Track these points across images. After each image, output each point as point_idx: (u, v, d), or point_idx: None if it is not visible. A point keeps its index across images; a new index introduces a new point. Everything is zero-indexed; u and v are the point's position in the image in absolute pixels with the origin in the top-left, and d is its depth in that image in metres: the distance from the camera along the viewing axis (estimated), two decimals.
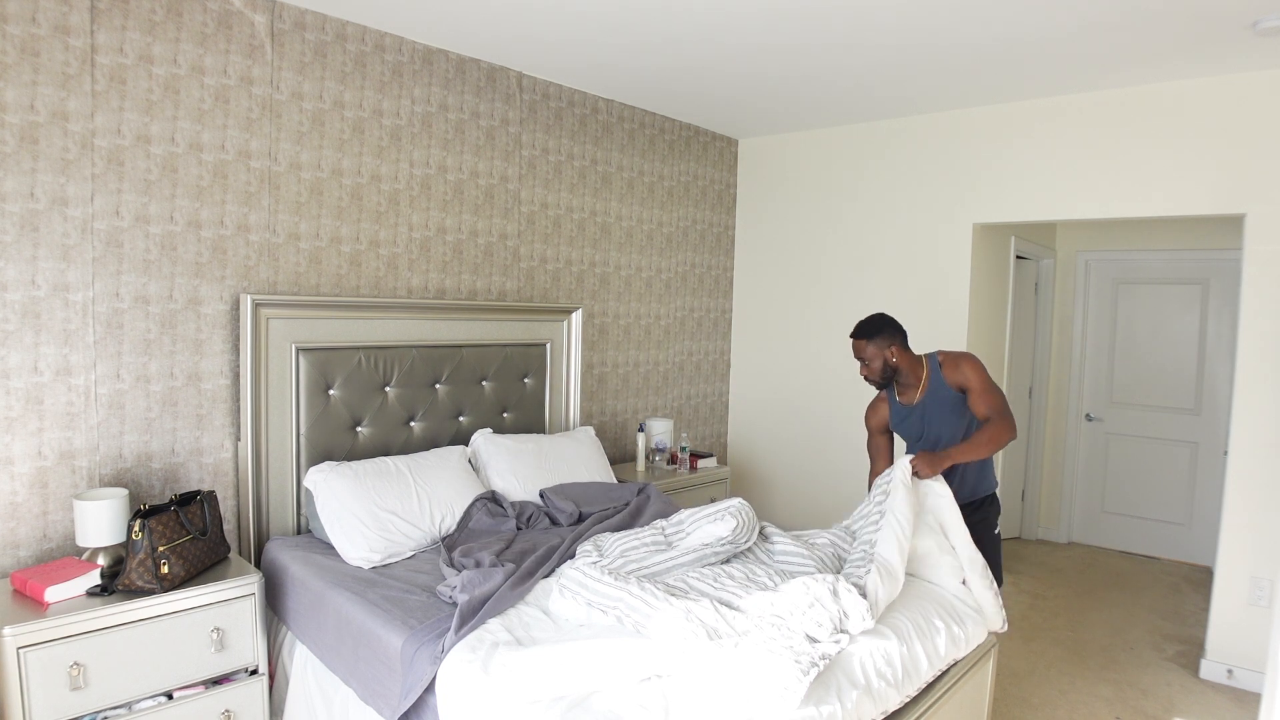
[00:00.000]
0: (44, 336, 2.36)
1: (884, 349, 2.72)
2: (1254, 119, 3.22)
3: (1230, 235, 4.40)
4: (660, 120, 4.37)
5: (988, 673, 2.43)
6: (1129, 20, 2.74)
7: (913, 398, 2.79)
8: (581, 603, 2.08)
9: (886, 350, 2.72)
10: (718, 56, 3.32)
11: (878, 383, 2.79)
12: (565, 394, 3.80)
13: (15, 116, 2.25)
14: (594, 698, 1.70)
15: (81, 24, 2.36)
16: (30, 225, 2.31)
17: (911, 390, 2.79)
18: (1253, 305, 3.26)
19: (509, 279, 3.67)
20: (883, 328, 2.73)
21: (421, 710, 1.94)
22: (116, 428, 2.52)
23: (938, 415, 2.75)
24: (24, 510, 2.35)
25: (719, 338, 4.95)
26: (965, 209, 4.02)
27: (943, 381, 2.74)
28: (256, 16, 2.74)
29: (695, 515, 2.58)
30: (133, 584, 2.19)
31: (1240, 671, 3.31)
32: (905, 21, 2.84)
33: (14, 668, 1.95)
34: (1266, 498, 3.24)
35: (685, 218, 4.62)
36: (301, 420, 2.84)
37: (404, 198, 3.23)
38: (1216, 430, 4.82)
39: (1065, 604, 4.25)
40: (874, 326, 2.74)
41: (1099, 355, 5.30)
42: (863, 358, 2.75)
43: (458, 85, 3.39)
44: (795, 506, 4.77)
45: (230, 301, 2.74)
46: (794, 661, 1.70)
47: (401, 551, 2.63)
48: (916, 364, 2.77)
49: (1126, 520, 5.25)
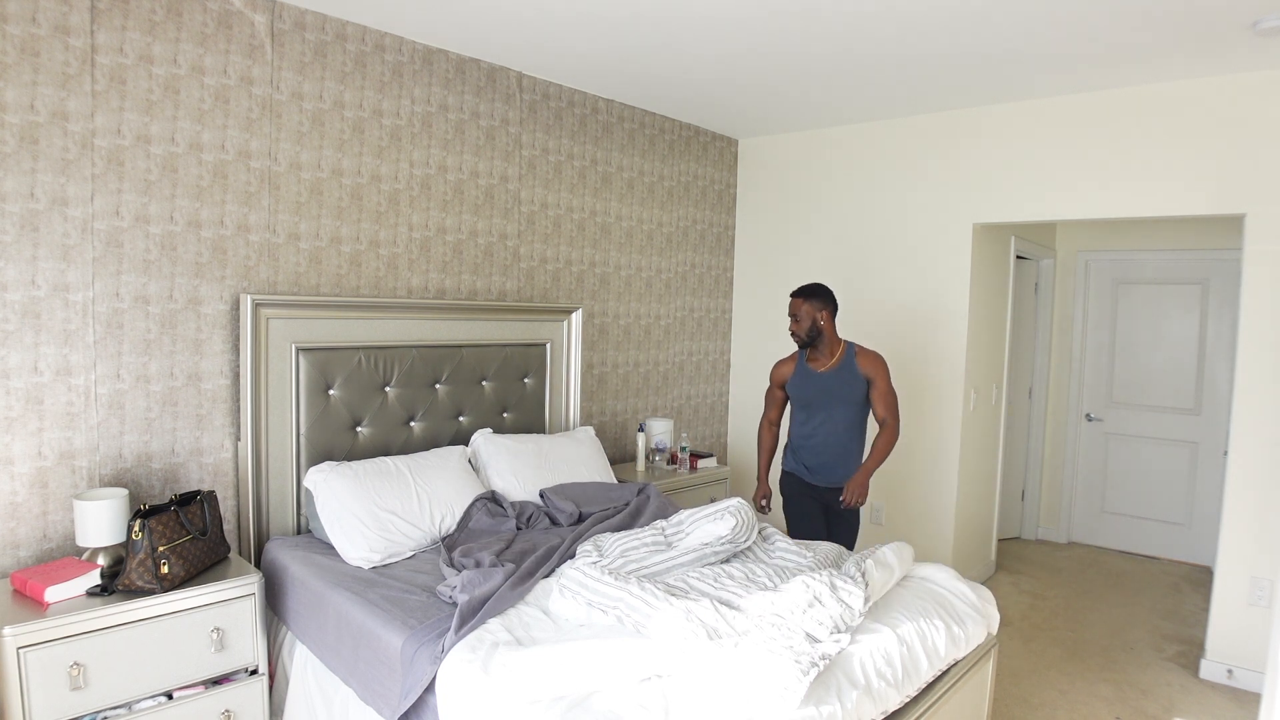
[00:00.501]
0: (44, 336, 2.36)
1: (817, 312, 3.06)
2: (1254, 119, 3.22)
3: (1230, 235, 4.41)
4: (660, 120, 4.37)
5: (988, 673, 2.43)
6: (1129, 20, 2.74)
7: (822, 366, 3.12)
8: (582, 603, 2.08)
9: (819, 314, 3.06)
10: (718, 56, 3.32)
11: (802, 339, 3.11)
12: (565, 394, 3.80)
13: (15, 116, 2.25)
14: (594, 698, 1.70)
15: (81, 24, 2.36)
16: (30, 225, 2.31)
17: (823, 360, 3.13)
18: (1253, 305, 3.26)
19: (509, 279, 3.67)
20: (820, 293, 3.09)
21: (421, 710, 1.94)
22: (116, 428, 2.52)
23: (838, 390, 3.09)
24: (24, 510, 2.35)
25: (719, 338, 4.95)
26: (965, 209, 4.02)
27: (855, 365, 3.08)
28: (256, 16, 2.74)
29: (695, 515, 2.59)
30: (133, 584, 2.19)
31: (1240, 671, 3.31)
32: (905, 22, 2.84)
33: (14, 668, 1.95)
34: (1266, 498, 3.24)
35: (685, 218, 4.62)
36: (301, 420, 2.84)
37: (404, 198, 3.23)
38: (1216, 430, 4.82)
39: (1065, 604, 4.25)
40: (813, 290, 3.10)
41: (1099, 355, 5.30)
42: (796, 314, 3.09)
43: (458, 85, 3.39)
44: None
45: (230, 301, 2.74)
46: (794, 661, 1.70)
47: (401, 551, 2.63)
48: (836, 339, 3.12)
49: (1126, 520, 5.25)
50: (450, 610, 2.15)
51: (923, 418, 4.21)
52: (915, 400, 4.23)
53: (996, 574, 4.70)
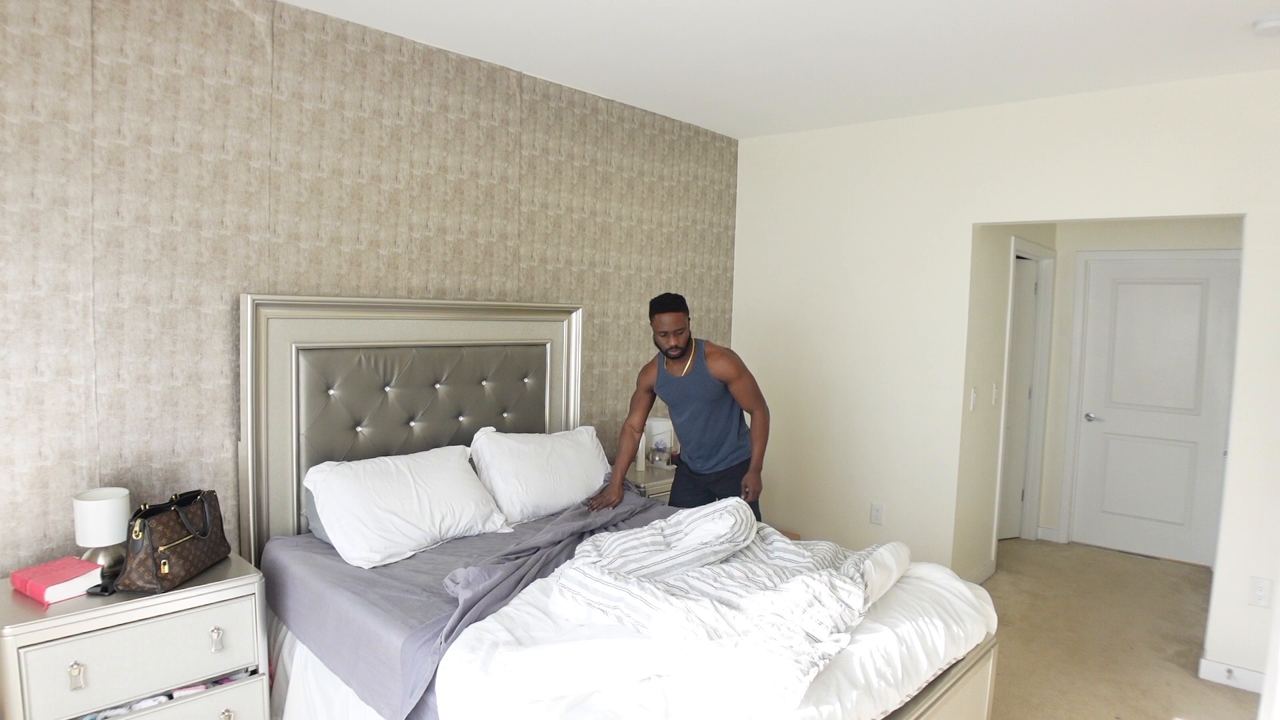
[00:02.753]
0: (44, 336, 2.36)
1: (688, 321, 3.11)
2: (1254, 119, 3.22)
3: (1230, 235, 4.41)
4: (660, 120, 4.37)
5: (988, 673, 2.43)
6: (1129, 20, 2.74)
7: (679, 371, 3.19)
8: (581, 603, 2.08)
9: (688, 323, 3.12)
10: (718, 56, 3.32)
11: (682, 350, 3.10)
12: (565, 394, 3.81)
13: (15, 116, 2.25)
14: (594, 698, 1.70)
15: (82, 24, 2.36)
16: (30, 225, 2.31)
17: (679, 364, 3.18)
18: (1253, 305, 3.26)
19: (509, 279, 3.67)
20: (684, 302, 3.11)
21: (421, 710, 1.94)
22: (117, 428, 2.52)
23: (696, 392, 3.17)
24: (24, 510, 2.35)
25: (719, 338, 4.94)
26: (965, 209, 4.02)
27: (705, 369, 3.14)
28: (256, 16, 2.74)
29: (694, 515, 2.60)
30: (133, 584, 2.19)
31: (1240, 671, 3.31)
32: (905, 21, 2.84)
33: (14, 668, 1.96)
34: (1266, 498, 3.24)
35: (685, 218, 4.62)
36: (301, 420, 2.84)
37: (404, 198, 3.23)
38: (1216, 430, 4.83)
39: (1065, 604, 4.25)
40: (680, 300, 3.08)
41: (1099, 355, 5.30)
42: (678, 328, 3.07)
43: (458, 85, 3.39)
44: (794, 506, 4.78)
45: (230, 301, 2.74)
46: (794, 661, 1.70)
47: (401, 551, 2.63)
48: (690, 344, 3.16)
49: (1126, 520, 5.25)
50: (451, 609, 2.16)
51: (923, 417, 4.21)
52: (915, 400, 4.23)
53: (996, 574, 4.70)
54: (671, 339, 3.08)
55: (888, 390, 4.33)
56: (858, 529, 4.48)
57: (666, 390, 3.26)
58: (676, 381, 3.21)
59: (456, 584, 2.23)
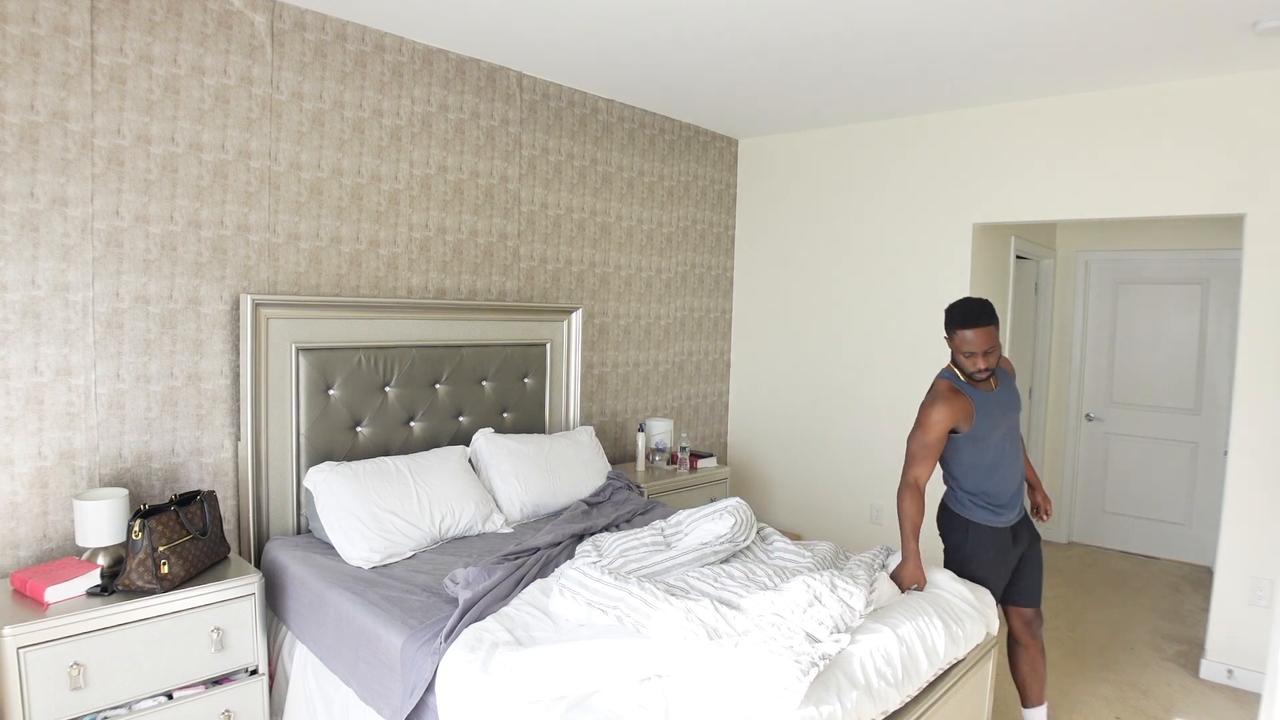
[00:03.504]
0: (44, 336, 2.36)
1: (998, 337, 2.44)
2: (1254, 119, 3.21)
3: (1230, 235, 4.41)
4: (660, 120, 4.37)
5: (988, 673, 2.43)
6: (1129, 20, 2.74)
7: (988, 386, 2.51)
8: (581, 603, 2.08)
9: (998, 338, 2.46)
10: (718, 56, 3.32)
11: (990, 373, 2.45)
12: (565, 394, 3.80)
13: (15, 116, 2.25)
14: (594, 698, 1.70)
15: (81, 24, 2.36)
16: (30, 225, 2.31)
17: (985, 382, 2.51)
18: (1253, 305, 3.26)
19: (509, 279, 3.67)
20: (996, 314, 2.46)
21: (421, 710, 1.94)
22: (116, 428, 2.52)
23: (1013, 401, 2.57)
24: (24, 510, 2.35)
25: (719, 338, 4.95)
26: (965, 209, 4.02)
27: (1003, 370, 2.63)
28: (256, 16, 2.74)
29: (694, 515, 2.60)
30: (133, 584, 2.18)
31: (1240, 671, 3.31)
32: (905, 22, 2.84)
33: (14, 668, 1.95)
34: (1266, 498, 3.24)
35: (685, 218, 4.62)
36: (301, 420, 2.84)
37: (404, 198, 3.23)
38: (1216, 430, 4.82)
39: (1065, 604, 4.25)
40: (993, 311, 2.43)
41: (1099, 355, 5.30)
42: (989, 347, 2.39)
43: (458, 85, 3.39)
44: (795, 506, 4.77)
45: (230, 301, 2.74)
46: (794, 661, 1.70)
47: (401, 551, 2.63)
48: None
49: (1126, 520, 5.25)
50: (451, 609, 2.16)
51: None
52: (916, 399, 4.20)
53: None
54: (980, 360, 2.38)
55: (888, 390, 4.33)
56: (858, 529, 4.47)
57: (985, 413, 2.46)
58: (993, 399, 2.47)
59: (456, 584, 2.23)
